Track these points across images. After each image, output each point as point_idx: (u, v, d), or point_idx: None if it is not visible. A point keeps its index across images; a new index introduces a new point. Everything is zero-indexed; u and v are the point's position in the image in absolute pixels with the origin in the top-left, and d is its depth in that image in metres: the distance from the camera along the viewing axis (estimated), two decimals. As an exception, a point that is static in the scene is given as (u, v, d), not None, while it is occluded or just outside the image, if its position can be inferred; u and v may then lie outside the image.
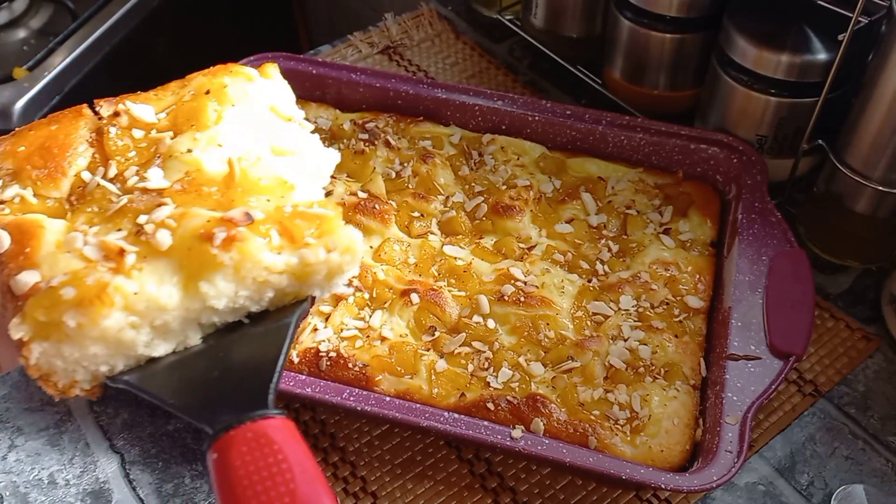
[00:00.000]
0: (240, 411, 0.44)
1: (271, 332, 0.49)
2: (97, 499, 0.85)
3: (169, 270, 0.47)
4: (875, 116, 0.88)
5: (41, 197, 0.51)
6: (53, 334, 0.45)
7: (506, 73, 1.27)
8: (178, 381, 0.47)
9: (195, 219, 0.47)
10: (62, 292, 0.44)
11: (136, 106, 0.54)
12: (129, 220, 0.49)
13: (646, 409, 0.81)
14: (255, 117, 0.54)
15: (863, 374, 0.92)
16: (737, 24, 0.97)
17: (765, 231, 0.92)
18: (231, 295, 0.48)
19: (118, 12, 1.58)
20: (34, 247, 0.47)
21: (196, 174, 0.50)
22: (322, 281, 0.50)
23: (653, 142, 1.02)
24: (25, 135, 0.54)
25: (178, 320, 0.48)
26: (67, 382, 0.47)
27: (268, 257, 0.47)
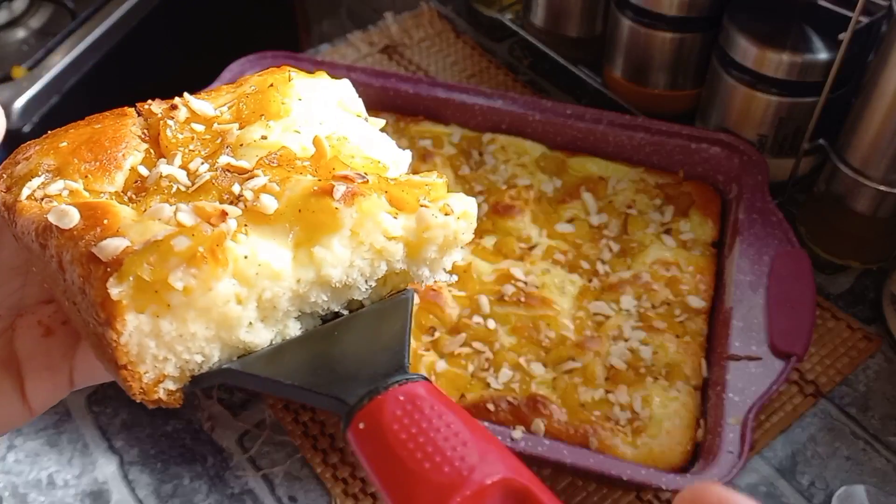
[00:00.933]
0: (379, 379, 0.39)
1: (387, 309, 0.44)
2: (96, 499, 0.85)
3: (277, 236, 0.41)
4: (876, 116, 0.88)
5: (94, 191, 0.44)
6: (152, 304, 0.38)
7: (506, 73, 1.27)
8: (291, 363, 0.41)
9: (303, 182, 0.42)
10: (174, 242, 0.38)
11: (195, 99, 0.49)
12: (216, 195, 0.42)
13: (647, 410, 0.81)
14: (324, 110, 0.49)
15: (864, 375, 0.92)
16: (738, 23, 0.97)
17: (766, 231, 0.91)
18: (346, 264, 0.42)
19: (117, 12, 1.57)
20: (111, 219, 0.40)
21: (283, 152, 0.44)
22: (434, 255, 0.44)
23: (653, 141, 1.01)
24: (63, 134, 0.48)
25: (288, 295, 0.42)
26: (154, 377, 0.40)
27: (387, 219, 0.42)
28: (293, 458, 0.87)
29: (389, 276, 0.45)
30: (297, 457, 0.87)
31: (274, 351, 0.42)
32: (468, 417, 0.37)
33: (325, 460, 0.86)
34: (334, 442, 0.87)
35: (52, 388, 0.45)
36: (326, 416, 0.89)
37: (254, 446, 0.88)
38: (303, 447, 0.87)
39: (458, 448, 0.35)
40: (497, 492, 0.34)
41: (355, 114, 0.51)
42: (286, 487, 0.85)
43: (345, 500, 0.83)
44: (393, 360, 0.41)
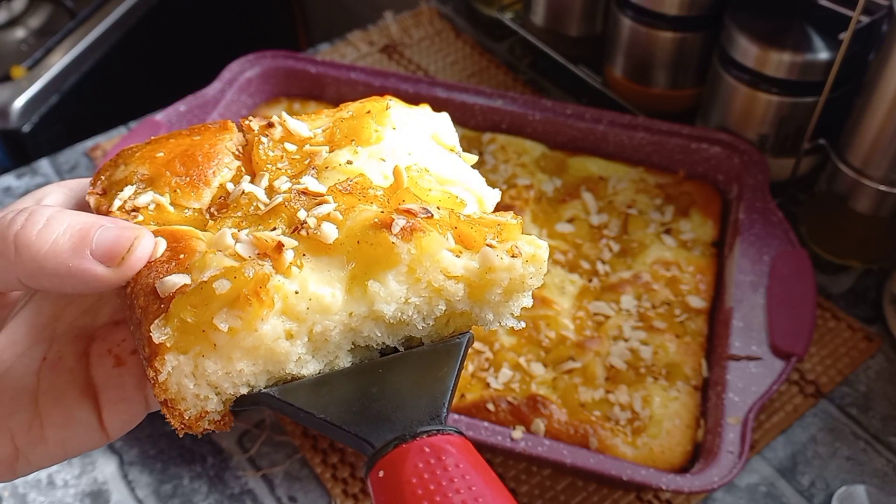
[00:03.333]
0: (410, 427, 0.38)
1: (439, 352, 0.42)
2: (96, 499, 0.84)
3: (333, 268, 0.41)
4: (876, 115, 0.88)
5: (179, 206, 0.45)
6: (195, 345, 0.38)
7: (506, 72, 1.27)
8: (328, 396, 0.40)
9: (366, 212, 0.41)
10: (215, 285, 0.38)
11: (292, 119, 0.49)
12: (283, 219, 0.42)
13: (647, 410, 0.81)
14: (416, 142, 0.48)
15: (864, 375, 0.92)
16: (738, 23, 0.97)
17: (766, 231, 0.91)
18: (401, 300, 0.41)
19: (117, 11, 1.57)
20: (188, 254, 0.41)
21: (360, 179, 0.44)
22: (499, 298, 0.43)
23: (654, 141, 1.01)
24: (164, 142, 0.48)
25: (339, 329, 0.41)
26: (196, 412, 0.40)
27: (447, 257, 0.41)
28: (293, 458, 0.87)
29: (452, 316, 0.44)
30: (297, 457, 0.87)
31: (316, 382, 0.42)
32: (495, 482, 0.36)
33: (325, 460, 0.86)
34: (334, 442, 0.87)
35: (128, 418, 0.45)
36: (326, 417, 0.89)
37: (254, 446, 0.87)
38: (303, 447, 0.87)
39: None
40: None
41: (448, 147, 0.50)
42: (286, 487, 0.85)
43: (345, 501, 0.83)
44: (430, 407, 0.39)
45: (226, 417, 0.42)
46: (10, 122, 1.41)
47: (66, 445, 0.44)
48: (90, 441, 0.45)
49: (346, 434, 0.39)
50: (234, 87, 1.06)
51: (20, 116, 1.42)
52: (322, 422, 0.40)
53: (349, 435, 0.39)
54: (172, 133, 0.49)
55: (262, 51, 1.10)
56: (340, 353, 0.43)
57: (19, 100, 1.42)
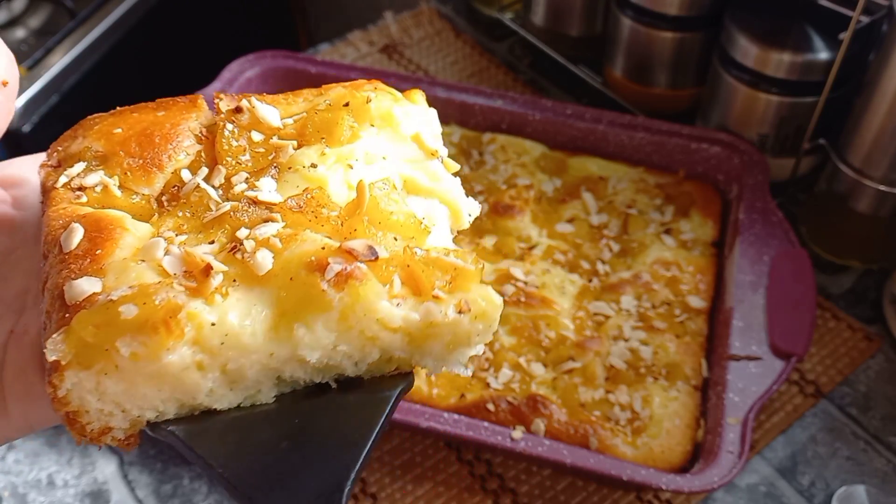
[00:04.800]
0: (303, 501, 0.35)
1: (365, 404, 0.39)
2: (96, 499, 0.84)
3: (260, 302, 0.38)
4: (877, 115, 0.88)
5: (127, 190, 0.42)
6: (97, 363, 0.36)
7: (506, 72, 1.27)
8: (235, 445, 0.37)
9: (307, 243, 0.38)
10: (122, 309, 0.35)
11: (262, 105, 0.45)
12: (226, 232, 0.40)
13: (647, 410, 0.81)
14: (395, 143, 0.45)
15: (864, 375, 0.92)
16: (738, 23, 0.97)
17: (766, 231, 0.91)
18: (328, 347, 0.38)
19: (117, 11, 1.57)
20: (107, 250, 0.38)
21: (317, 194, 0.41)
22: (441, 350, 0.40)
23: (654, 141, 1.01)
24: (126, 116, 0.45)
25: (257, 368, 0.38)
26: (100, 427, 0.38)
27: (385, 307, 0.38)
28: (293, 459, 0.86)
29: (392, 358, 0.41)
30: (296, 457, 0.87)
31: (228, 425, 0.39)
32: None
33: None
34: (334, 442, 0.87)
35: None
36: (326, 417, 0.89)
37: (253, 446, 0.87)
38: (302, 447, 0.87)
39: None
40: None
41: (429, 151, 0.46)
42: (286, 488, 0.85)
43: (344, 501, 0.83)
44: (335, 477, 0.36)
45: (131, 438, 0.39)
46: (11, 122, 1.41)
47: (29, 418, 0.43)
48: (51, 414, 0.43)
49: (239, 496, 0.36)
50: (234, 87, 1.06)
51: (20, 116, 1.42)
52: (219, 476, 0.37)
53: (241, 497, 0.36)
54: (138, 105, 0.46)
55: (262, 51, 1.10)
56: (263, 388, 0.40)
57: (19, 100, 1.41)
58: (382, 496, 0.83)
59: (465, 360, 0.41)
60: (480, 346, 0.40)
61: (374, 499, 0.83)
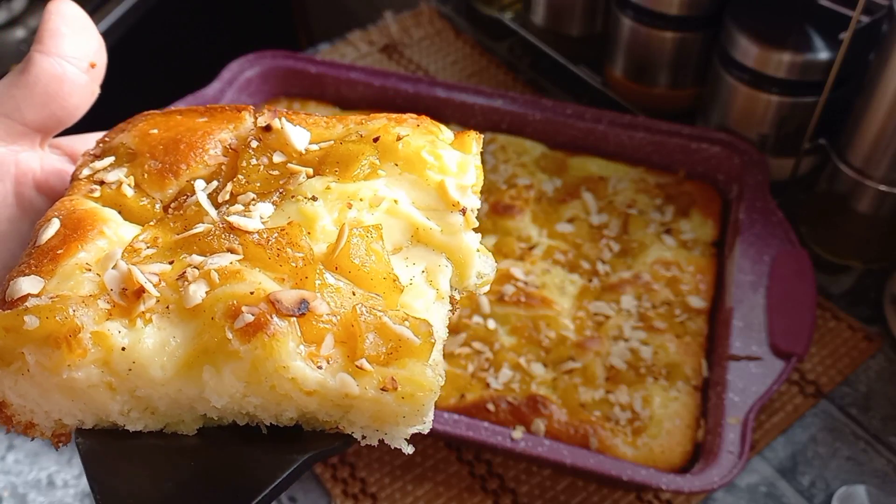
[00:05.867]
0: None
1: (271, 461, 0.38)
2: (96, 500, 0.84)
3: (181, 336, 0.37)
4: (877, 115, 0.87)
5: (140, 192, 0.43)
6: (14, 363, 0.37)
7: (506, 72, 1.27)
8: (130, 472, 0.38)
9: (243, 284, 0.37)
10: (26, 319, 0.36)
11: (292, 128, 0.45)
12: (188, 253, 0.40)
13: (647, 410, 0.81)
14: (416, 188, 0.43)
15: (864, 375, 0.92)
16: (738, 23, 0.97)
17: (766, 231, 0.91)
18: (236, 395, 0.37)
19: (116, 11, 1.57)
20: (69, 251, 0.39)
21: (294, 231, 0.40)
22: (366, 423, 0.38)
23: (654, 141, 1.01)
24: (171, 118, 0.47)
25: (166, 402, 0.38)
26: (25, 421, 0.39)
27: (298, 368, 0.36)
28: (293, 459, 0.86)
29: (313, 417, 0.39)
30: (296, 457, 0.87)
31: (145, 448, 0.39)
32: None
33: (324, 461, 0.86)
34: (334, 442, 0.87)
35: None
36: (326, 417, 0.89)
37: (253, 446, 0.87)
38: (302, 447, 0.87)
39: None
40: None
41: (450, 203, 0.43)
42: (286, 488, 0.85)
43: (345, 501, 0.83)
44: None
45: (61, 436, 0.40)
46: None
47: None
48: None
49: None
50: (234, 86, 1.06)
51: (20, 116, 1.41)
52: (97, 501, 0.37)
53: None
54: (188, 108, 0.48)
55: (262, 51, 1.10)
56: (186, 419, 0.40)
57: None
58: (382, 496, 0.83)
59: (399, 438, 0.39)
60: (416, 426, 0.38)
61: (374, 499, 0.83)
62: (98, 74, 0.48)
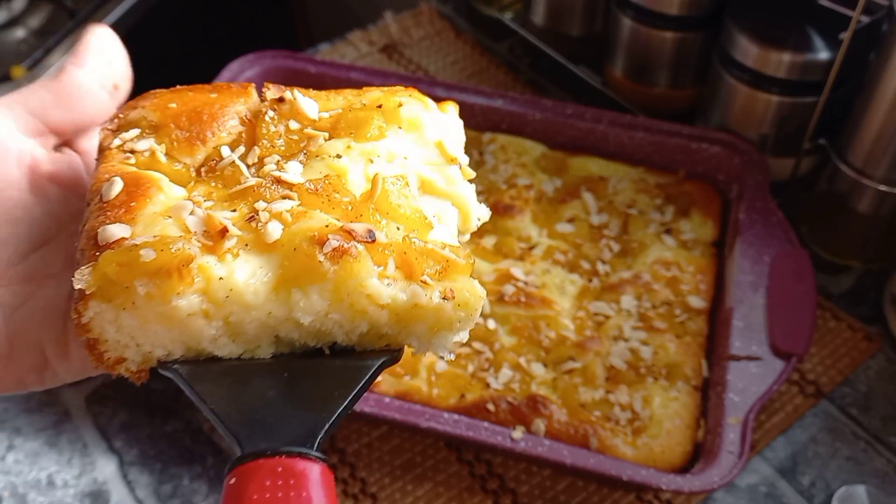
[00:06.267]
0: (279, 441, 0.39)
1: (349, 370, 0.43)
2: (96, 500, 0.84)
3: (266, 266, 0.42)
4: (877, 115, 0.88)
5: (172, 158, 0.47)
6: (117, 298, 0.40)
7: (506, 72, 1.27)
8: (228, 388, 0.42)
9: (314, 220, 0.43)
10: (142, 252, 0.40)
11: (303, 98, 0.50)
12: (247, 203, 0.44)
13: (647, 410, 0.81)
14: (418, 146, 0.49)
15: (864, 375, 0.92)
16: (738, 22, 0.97)
17: (766, 231, 0.91)
18: (321, 313, 0.42)
19: (116, 11, 1.57)
20: (140, 203, 0.43)
21: (335, 180, 0.45)
22: (425, 332, 0.43)
23: (654, 141, 1.01)
24: (183, 94, 0.50)
25: (256, 324, 0.42)
26: (115, 356, 0.43)
27: (374, 285, 0.42)
28: (293, 459, 0.86)
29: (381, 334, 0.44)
30: (296, 457, 0.87)
31: (225, 370, 0.43)
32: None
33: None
34: (334, 442, 0.87)
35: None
36: (326, 417, 0.89)
37: (253, 446, 0.87)
38: (302, 447, 0.87)
39: None
40: None
41: (449, 157, 0.50)
42: (286, 488, 0.85)
43: (345, 501, 0.83)
44: (309, 427, 0.40)
45: (141, 372, 0.44)
46: (10, 122, 1.41)
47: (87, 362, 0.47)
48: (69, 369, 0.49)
49: (226, 431, 0.40)
50: (234, 86, 1.06)
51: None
52: (211, 413, 0.41)
53: (227, 432, 0.40)
54: (195, 86, 0.51)
55: (262, 51, 1.10)
56: (262, 344, 0.44)
57: (19, 100, 1.41)
58: (382, 496, 0.83)
59: (448, 345, 0.44)
60: (464, 333, 0.44)
61: (374, 499, 0.83)
62: (119, 96, 0.52)
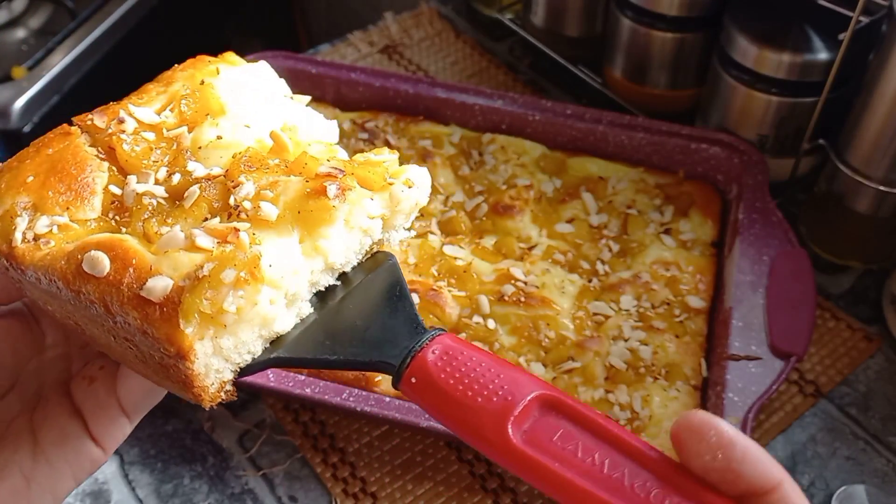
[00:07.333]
0: (409, 339, 0.44)
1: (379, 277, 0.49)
2: (96, 499, 0.85)
3: (282, 237, 0.45)
4: (876, 116, 0.88)
5: (79, 221, 0.46)
6: (209, 328, 0.42)
7: (506, 73, 1.27)
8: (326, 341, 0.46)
9: (292, 185, 0.45)
10: (223, 276, 0.41)
11: (139, 109, 0.49)
12: (207, 208, 0.45)
13: (647, 410, 0.81)
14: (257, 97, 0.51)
15: (864, 375, 0.92)
16: (738, 23, 0.97)
17: (766, 231, 0.91)
18: (344, 248, 0.47)
19: (117, 12, 1.57)
20: (139, 257, 0.42)
21: (251, 151, 0.47)
22: (402, 221, 0.50)
23: (654, 141, 1.01)
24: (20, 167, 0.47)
25: (305, 286, 0.46)
26: (218, 386, 0.44)
27: (369, 203, 0.47)
28: (293, 458, 0.87)
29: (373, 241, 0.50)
30: (297, 457, 0.87)
31: (305, 333, 0.46)
32: (491, 354, 0.43)
33: (325, 460, 0.86)
34: (334, 442, 0.87)
35: (109, 423, 0.50)
36: (327, 416, 0.89)
37: (254, 446, 0.88)
38: (303, 447, 0.87)
39: (496, 380, 0.41)
40: (536, 405, 0.40)
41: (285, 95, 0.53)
42: (286, 487, 0.85)
43: (345, 500, 0.83)
44: (411, 320, 0.46)
45: (232, 389, 0.46)
46: (11, 122, 1.41)
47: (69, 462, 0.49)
48: (89, 454, 0.50)
49: (365, 364, 0.45)
50: (235, 87, 1.06)
51: (21, 117, 1.42)
52: (338, 362, 0.45)
53: (368, 364, 0.45)
54: (19, 155, 0.49)
55: (262, 51, 1.10)
56: (303, 304, 0.47)
57: (20, 100, 1.41)
58: (382, 496, 0.83)
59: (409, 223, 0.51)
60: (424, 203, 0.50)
61: (374, 498, 0.83)
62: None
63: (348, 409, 0.79)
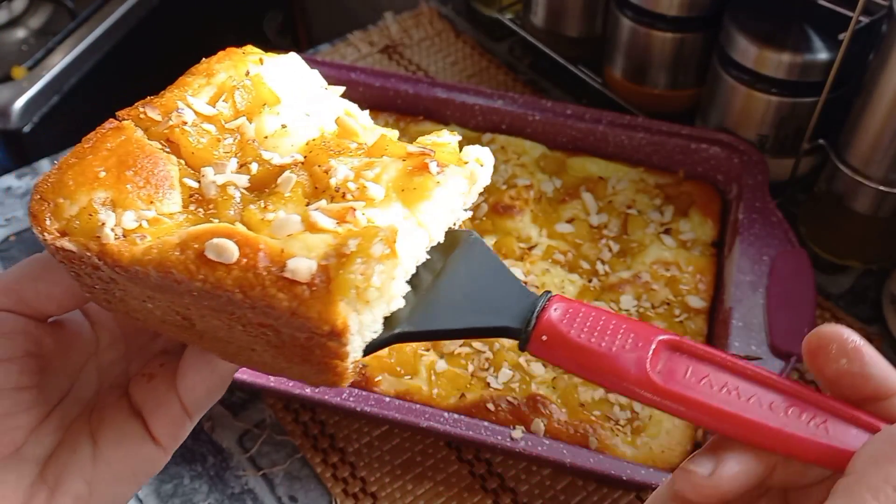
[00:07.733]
0: (523, 302, 0.45)
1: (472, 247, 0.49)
2: (96, 499, 0.85)
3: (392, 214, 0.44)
4: (876, 116, 0.88)
5: (166, 214, 0.43)
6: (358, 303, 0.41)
7: (506, 73, 1.27)
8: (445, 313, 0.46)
9: (390, 164, 0.45)
10: (371, 250, 0.40)
11: (196, 100, 0.47)
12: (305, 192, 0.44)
13: (647, 410, 0.81)
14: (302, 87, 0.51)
15: (864, 375, 0.92)
16: (738, 23, 0.97)
17: (766, 231, 0.91)
18: (443, 225, 0.47)
19: (118, 12, 1.58)
20: (264, 242, 0.41)
21: (328, 136, 0.47)
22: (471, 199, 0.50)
23: (653, 141, 1.01)
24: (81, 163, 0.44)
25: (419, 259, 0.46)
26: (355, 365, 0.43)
27: (460, 181, 0.47)
28: (293, 458, 0.87)
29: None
30: (297, 457, 0.87)
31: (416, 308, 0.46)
32: (604, 309, 0.45)
33: (325, 460, 0.86)
34: (334, 442, 0.87)
35: (170, 421, 0.49)
36: (327, 416, 0.89)
37: (254, 446, 0.88)
38: (303, 447, 0.87)
39: (621, 331, 0.43)
40: (662, 349, 0.43)
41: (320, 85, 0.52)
42: (286, 487, 0.85)
43: (345, 500, 0.83)
44: (517, 286, 0.46)
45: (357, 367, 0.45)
46: (11, 122, 1.41)
47: (130, 463, 0.48)
48: (150, 455, 0.49)
49: (486, 331, 0.46)
50: (235, 87, 1.06)
51: (21, 117, 1.42)
52: (462, 332, 0.47)
53: (489, 331, 0.46)
54: (74, 152, 0.45)
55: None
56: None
57: (20, 100, 1.42)
58: (382, 496, 0.83)
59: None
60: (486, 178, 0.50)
61: (374, 498, 0.83)
62: None
63: (348, 409, 0.79)
